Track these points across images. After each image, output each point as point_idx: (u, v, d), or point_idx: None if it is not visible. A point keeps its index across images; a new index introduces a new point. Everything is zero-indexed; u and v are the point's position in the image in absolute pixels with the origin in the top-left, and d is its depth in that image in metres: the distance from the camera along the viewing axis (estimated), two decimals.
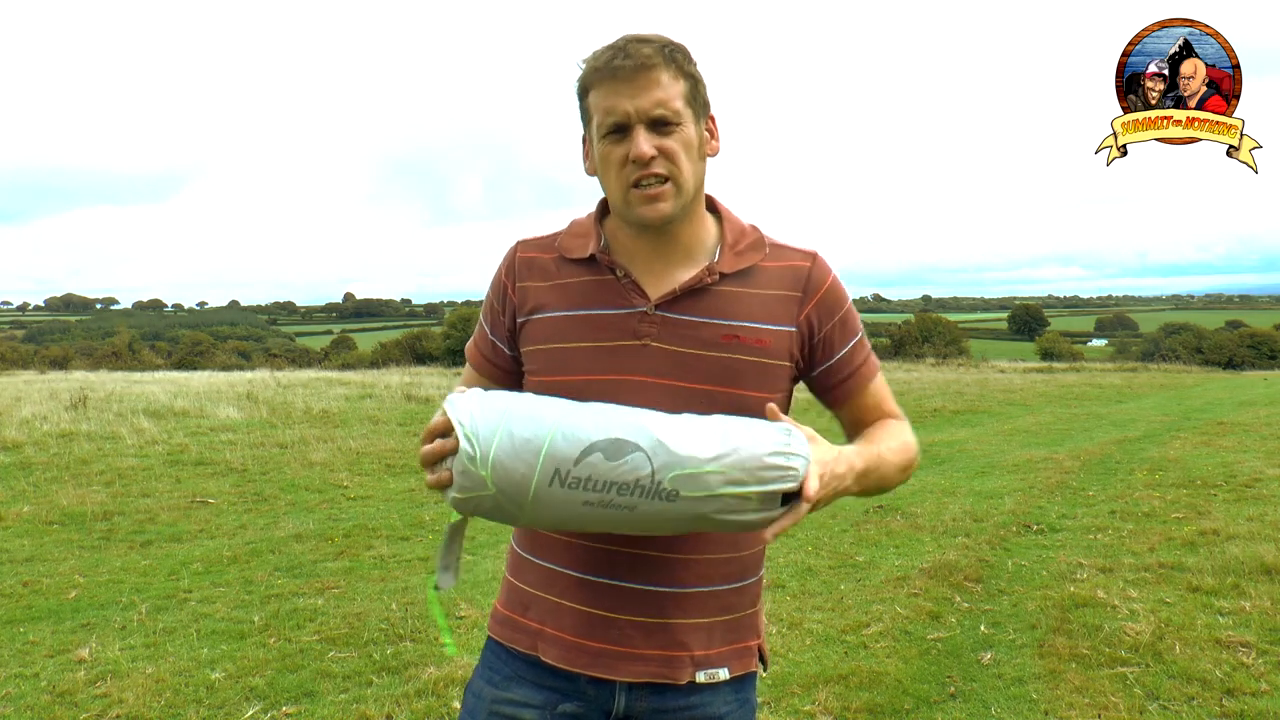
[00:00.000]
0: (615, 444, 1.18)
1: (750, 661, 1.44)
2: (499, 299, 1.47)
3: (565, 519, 1.22)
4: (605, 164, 1.35)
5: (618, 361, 1.35)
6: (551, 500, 1.19)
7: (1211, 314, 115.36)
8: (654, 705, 1.37)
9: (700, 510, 1.19)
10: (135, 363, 33.69)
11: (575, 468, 1.18)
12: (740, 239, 1.42)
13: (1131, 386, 20.22)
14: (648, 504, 1.19)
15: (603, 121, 1.32)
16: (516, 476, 1.18)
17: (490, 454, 1.19)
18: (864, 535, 5.93)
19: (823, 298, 1.40)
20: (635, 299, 1.37)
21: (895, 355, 37.63)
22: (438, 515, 6.63)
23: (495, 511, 1.23)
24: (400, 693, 3.49)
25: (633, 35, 1.34)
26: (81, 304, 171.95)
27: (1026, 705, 3.41)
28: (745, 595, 1.43)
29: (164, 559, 5.46)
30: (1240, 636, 3.97)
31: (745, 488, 1.19)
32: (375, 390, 14.49)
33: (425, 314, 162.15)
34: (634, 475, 1.18)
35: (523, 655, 1.42)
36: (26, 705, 3.41)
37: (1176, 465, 8.64)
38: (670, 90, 1.31)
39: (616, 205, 1.38)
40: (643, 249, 1.40)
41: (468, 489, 1.20)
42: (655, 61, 1.30)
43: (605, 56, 1.31)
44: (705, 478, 1.18)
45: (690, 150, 1.34)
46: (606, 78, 1.31)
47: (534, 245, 1.46)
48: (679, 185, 1.33)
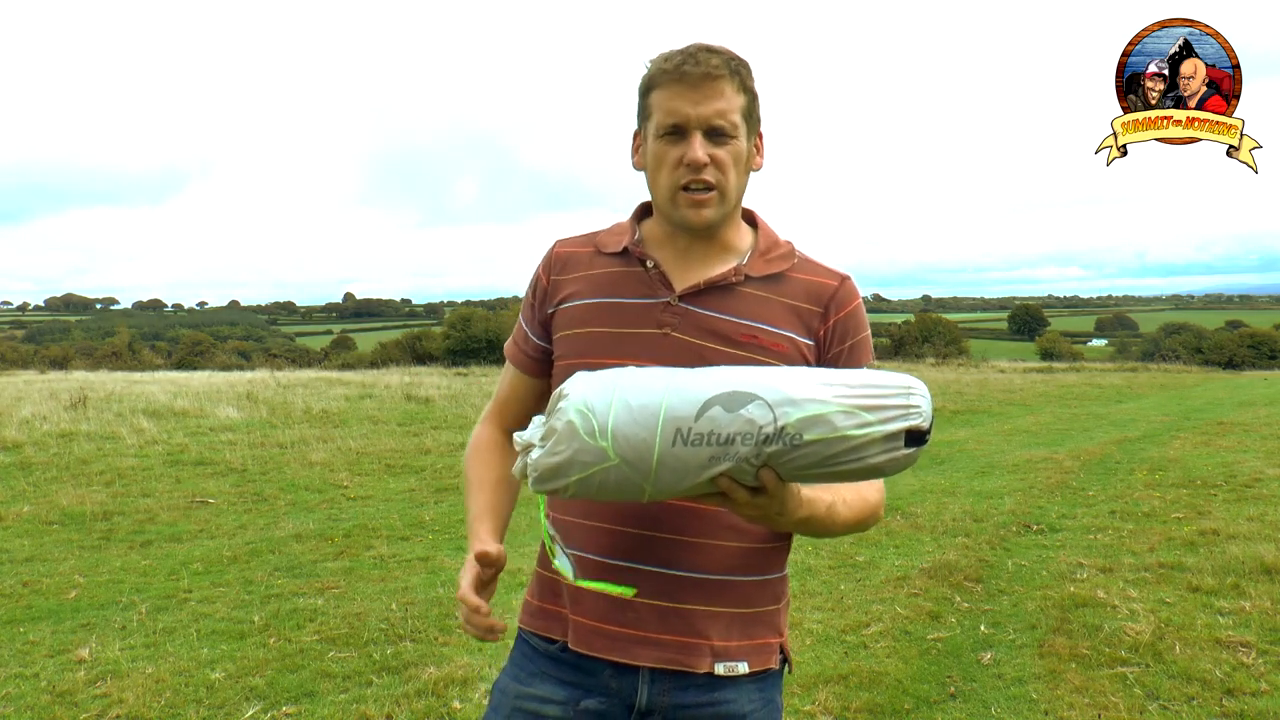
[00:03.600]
0: (733, 396, 1.17)
1: (770, 658, 1.44)
2: (535, 294, 1.52)
3: (693, 482, 1.20)
4: (658, 162, 1.39)
5: (637, 349, 1.38)
6: (676, 462, 1.18)
7: (1211, 314, 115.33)
8: (676, 700, 1.38)
9: (826, 453, 1.17)
10: (135, 363, 33.68)
11: (696, 424, 1.17)
12: (772, 248, 1.46)
13: (1131, 386, 20.22)
14: (774, 451, 1.17)
15: (663, 121, 1.37)
16: (637, 442, 1.17)
17: (609, 424, 1.18)
18: (864, 535, 5.92)
19: (843, 319, 1.43)
20: (660, 289, 1.41)
21: (895, 355, 37.63)
22: (437, 515, 6.63)
23: (620, 485, 1.21)
24: (400, 693, 3.49)
25: (703, 44, 1.38)
26: (81, 304, 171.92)
27: (1026, 705, 3.41)
28: (766, 590, 1.44)
29: (164, 559, 5.46)
30: (1240, 636, 3.97)
31: (869, 429, 1.17)
32: (375, 390, 14.49)
33: (425, 314, 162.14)
34: (757, 424, 1.16)
35: (547, 651, 1.43)
36: (26, 705, 3.41)
37: (1177, 465, 8.64)
38: (732, 102, 1.36)
39: (661, 203, 1.42)
40: (677, 246, 1.44)
41: (589, 464, 1.19)
42: (722, 73, 1.35)
43: (676, 60, 1.36)
44: (828, 418, 1.17)
45: (739, 163, 1.39)
46: (674, 80, 1.35)
47: (572, 242, 1.53)
48: (724, 194, 1.38)
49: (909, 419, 1.19)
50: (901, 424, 1.18)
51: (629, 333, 1.40)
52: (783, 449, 1.17)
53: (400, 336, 49.11)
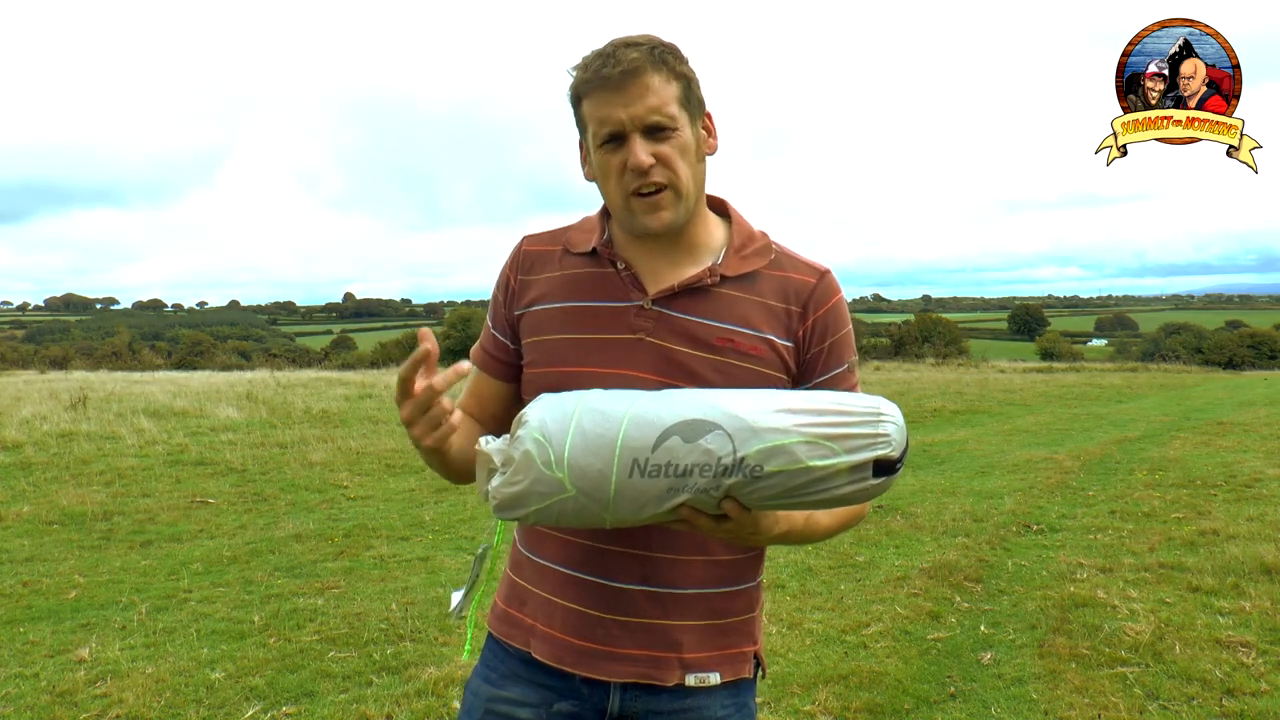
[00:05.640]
0: (692, 425, 1.13)
1: (744, 667, 1.41)
2: (503, 292, 1.45)
3: (653, 512, 1.17)
4: (604, 173, 1.32)
5: (610, 355, 1.33)
6: (635, 493, 1.15)
7: (1211, 314, 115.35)
8: (649, 706, 1.36)
9: (789, 484, 1.14)
10: (135, 363, 33.65)
11: (654, 454, 1.13)
12: (747, 244, 1.39)
13: (1131, 386, 20.22)
14: (734, 483, 1.14)
15: (598, 131, 1.30)
16: (594, 473, 1.14)
17: (565, 454, 1.15)
18: (864, 535, 5.92)
19: (822, 316, 1.37)
20: (633, 293, 1.35)
21: (895, 355, 37.62)
22: (437, 515, 6.63)
23: (578, 515, 1.18)
24: (400, 693, 3.49)
25: (620, 39, 1.30)
26: (81, 304, 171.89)
27: (1026, 705, 3.41)
28: (740, 599, 1.41)
29: (164, 559, 5.46)
30: (1240, 636, 3.97)
31: (834, 459, 1.13)
32: (375, 390, 14.49)
33: (425, 314, 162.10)
34: (716, 455, 1.12)
35: (518, 653, 1.41)
36: (26, 705, 3.41)
37: (1176, 465, 8.64)
38: (663, 94, 1.28)
39: (617, 213, 1.35)
40: (646, 246, 1.38)
41: (546, 495, 1.16)
42: (645, 66, 1.27)
43: (594, 64, 1.28)
44: (790, 449, 1.12)
45: (687, 154, 1.31)
46: (597, 86, 1.28)
47: (539, 239, 1.46)
48: (678, 191, 1.31)
49: (876, 449, 1.14)
50: (868, 454, 1.14)
51: (601, 338, 1.34)
52: (743, 480, 1.14)
53: (400, 336, 49.12)
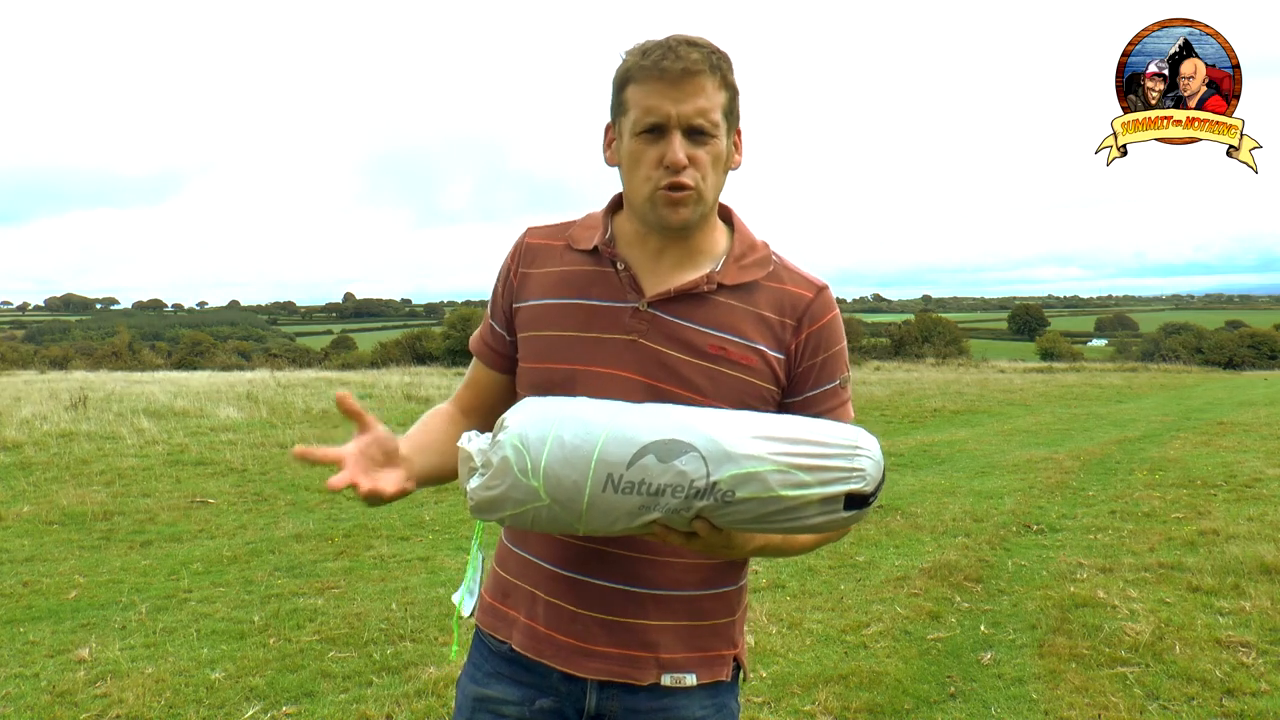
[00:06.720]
0: (668, 445, 1.14)
1: (722, 670, 1.40)
2: (503, 284, 1.46)
3: (625, 526, 1.19)
4: (634, 161, 1.32)
5: (603, 354, 1.34)
6: (607, 506, 1.16)
7: (1211, 314, 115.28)
8: (626, 705, 1.36)
9: (760, 511, 1.15)
10: (135, 363, 33.67)
11: (628, 471, 1.14)
12: (747, 253, 1.39)
13: (1132, 386, 20.22)
14: (705, 506, 1.14)
15: (640, 119, 1.30)
16: (569, 484, 1.15)
17: (541, 463, 1.15)
18: (864, 535, 5.92)
19: (816, 332, 1.37)
20: (630, 294, 1.36)
21: (895, 355, 37.63)
22: (437, 515, 6.63)
23: (552, 522, 1.20)
24: (400, 693, 3.49)
25: (681, 36, 1.31)
26: (81, 304, 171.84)
27: (1026, 705, 3.41)
28: (722, 602, 1.41)
29: (164, 559, 5.46)
30: (1240, 636, 3.97)
31: (805, 490, 1.14)
32: (375, 390, 14.50)
33: (425, 314, 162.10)
34: (688, 477, 1.13)
35: (501, 649, 1.42)
36: (26, 705, 3.41)
37: (1176, 465, 8.64)
38: (713, 100, 1.29)
39: (637, 202, 1.35)
40: (649, 247, 1.38)
41: (521, 501, 1.17)
42: (703, 68, 1.28)
43: (655, 53, 1.28)
44: (763, 477, 1.13)
45: (718, 163, 1.32)
46: (652, 75, 1.28)
47: (543, 232, 1.46)
48: (702, 196, 1.32)
49: (849, 483, 1.15)
50: (841, 488, 1.15)
51: (594, 337, 1.34)
52: (714, 504, 1.15)
53: (400, 336, 49.09)
